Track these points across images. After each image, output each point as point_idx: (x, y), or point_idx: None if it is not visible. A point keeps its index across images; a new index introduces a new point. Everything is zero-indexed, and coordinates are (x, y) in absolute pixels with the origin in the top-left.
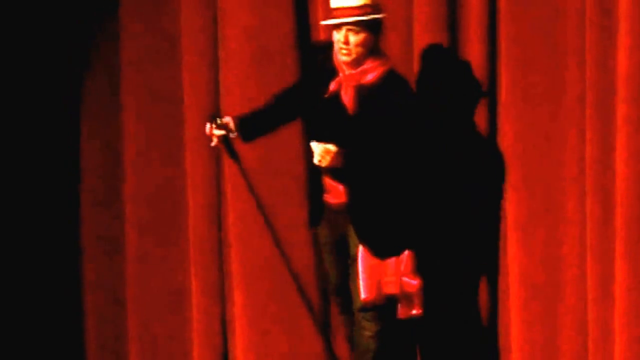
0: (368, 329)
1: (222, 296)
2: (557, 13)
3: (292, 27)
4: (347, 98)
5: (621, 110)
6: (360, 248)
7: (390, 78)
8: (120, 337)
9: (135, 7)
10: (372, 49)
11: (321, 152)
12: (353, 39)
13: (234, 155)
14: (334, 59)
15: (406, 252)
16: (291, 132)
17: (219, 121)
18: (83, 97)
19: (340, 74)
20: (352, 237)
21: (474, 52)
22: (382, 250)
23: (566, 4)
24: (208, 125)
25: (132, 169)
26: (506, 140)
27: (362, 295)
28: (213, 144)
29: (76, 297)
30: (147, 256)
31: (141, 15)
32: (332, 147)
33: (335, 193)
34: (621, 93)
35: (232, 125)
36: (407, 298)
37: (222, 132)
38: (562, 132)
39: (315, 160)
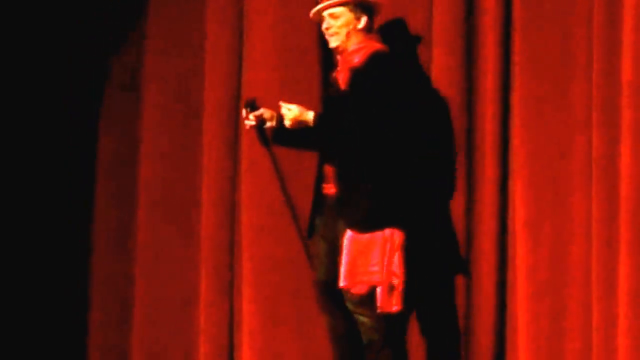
0: (366, 322)
1: (230, 295)
2: (567, 23)
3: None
4: (342, 80)
5: (626, 113)
6: (348, 234)
7: (374, 59)
8: (124, 336)
9: (162, 5)
10: (359, 31)
11: (286, 110)
12: (332, 23)
13: (266, 143)
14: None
15: (394, 244)
16: None
17: (254, 108)
18: (103, 93)
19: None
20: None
21: (490, 60)
22: (364, 223)
23: (574, 12)
24: (244, 111)
25: (147, 166)
26: (517, 141)
27: (341, 283)
28: (247, 127)
29: (83, 294)
30: (158, 254)
31: (166, 13)
32: (294, 107)
33: (332, 183)
34: (625, 97)
35: (266, 115)
36: (387, 292)
37: (254, 121)
38: (570, 134)
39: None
